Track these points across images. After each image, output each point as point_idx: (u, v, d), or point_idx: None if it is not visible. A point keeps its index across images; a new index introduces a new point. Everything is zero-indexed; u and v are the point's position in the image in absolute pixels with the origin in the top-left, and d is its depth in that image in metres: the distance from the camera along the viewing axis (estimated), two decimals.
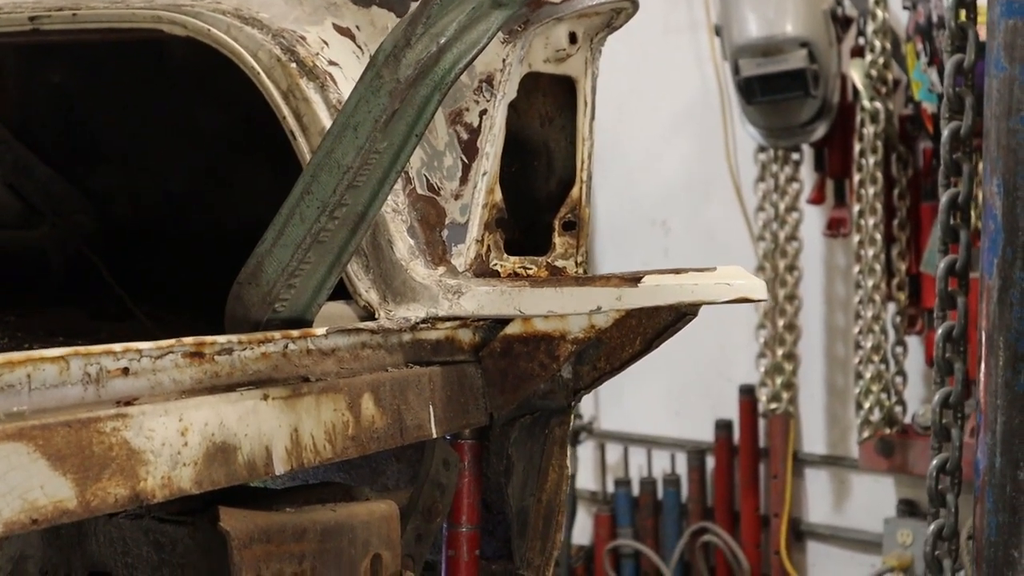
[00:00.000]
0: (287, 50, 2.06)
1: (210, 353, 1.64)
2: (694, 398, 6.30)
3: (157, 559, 1.83)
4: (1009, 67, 2.56)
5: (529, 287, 2.04)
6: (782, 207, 5.77)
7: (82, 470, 1.38)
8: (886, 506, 5.71)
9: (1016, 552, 2.59)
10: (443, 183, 2.14)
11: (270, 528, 1.71)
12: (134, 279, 2.84)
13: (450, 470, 2.14)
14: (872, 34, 5.27)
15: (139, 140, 3.04)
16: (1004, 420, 2.60)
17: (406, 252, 2.05)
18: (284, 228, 1.78)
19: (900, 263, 5.42)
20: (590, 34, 2.23)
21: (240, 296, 1.83)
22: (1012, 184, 2.55)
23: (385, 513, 1.90)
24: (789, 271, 5.79)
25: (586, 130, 2.28)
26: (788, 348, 5.81)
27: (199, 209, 3.04)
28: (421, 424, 1.94)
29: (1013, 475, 2.59)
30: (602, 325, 2.04)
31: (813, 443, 6.06)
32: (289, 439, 1.68)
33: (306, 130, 2.03)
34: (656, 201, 6.44)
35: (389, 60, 1.70)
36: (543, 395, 2.13)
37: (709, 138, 6.17)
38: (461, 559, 2.21)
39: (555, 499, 2.26)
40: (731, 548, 6.03)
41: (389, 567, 1.88)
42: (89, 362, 1.47)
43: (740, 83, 5.39)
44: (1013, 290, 2.57)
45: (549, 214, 2.28)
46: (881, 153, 5.28)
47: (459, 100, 2.17)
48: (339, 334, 1.87)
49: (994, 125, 2.61)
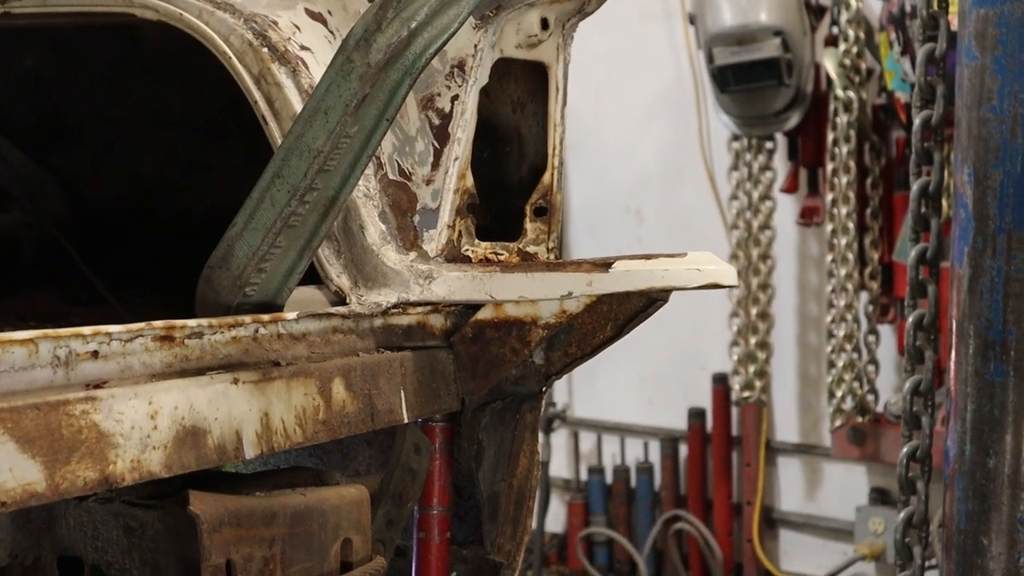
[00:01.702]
0: (259, 35, 2.05)
1: (180, 337, 1.64)
2: (667, 386, 6.31)
3: (127, 543, 1.82)
4: (980, 56, 2.56)
5: (500, 272, 2.04)
6: (755, 195, 5.77)
7: (51, 453, 1.38)
8: (858, 494, 5.73)
9: (985, 539, 2.60)
10: (415, 168, 2.14)
11: (240, 512, 1.71)
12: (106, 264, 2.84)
13: (421, 455, 2.14)
14: (846, 23, 5.28)
15: (112, 125, 3.03)
16: (974, 408, 2.61)
17: (378, 237, 2.05)
18: (255, 212, 1.78)
19: (873, 252, 5.43)
20: (562, 20, 2.23)
21: (211, 280, 1.83)
22: (983, 173, 2.56)
23: (355, 498, 1.90)
24: (762, 259, 5.80)
25: (558, 116, 2.27)
26: (761, 336, 5.82)
27: (172, 194, 3.03)
28: (392, 409, 1.94)
29: (983, 463, 2.60)
30: (573, 310, 2.04)
31: (786, 431, 6.08)
32: (259, 423, 1.67)
33: (278, 115, 2.02)
34: (630, 189, 6.45)
35: (360, 44, 1.70)
36: (515, 380, 2.13)
37: (683, 126, 6.17)
38: (432, 541, 2.21)
39: (526, 484, 2.26)
40: (704, 536, 6.04)
41: (359, 551, 1.88)
42: (59, 345, 1.47)
43: (714, 72, 5.39)
44: (983, 278, 2.58)
45: (521, 200, 2.28)
46: (854, 142, 5.29)
47: (431, 86, 2.17)
48: (310, 319, 1.87)
49: (965, 114, 2.62)
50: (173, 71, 2.76)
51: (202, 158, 2.98)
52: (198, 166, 3.00)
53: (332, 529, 1.84)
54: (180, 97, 2.91)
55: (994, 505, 2.59)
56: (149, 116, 2.96)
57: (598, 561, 6.37)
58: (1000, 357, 2.56)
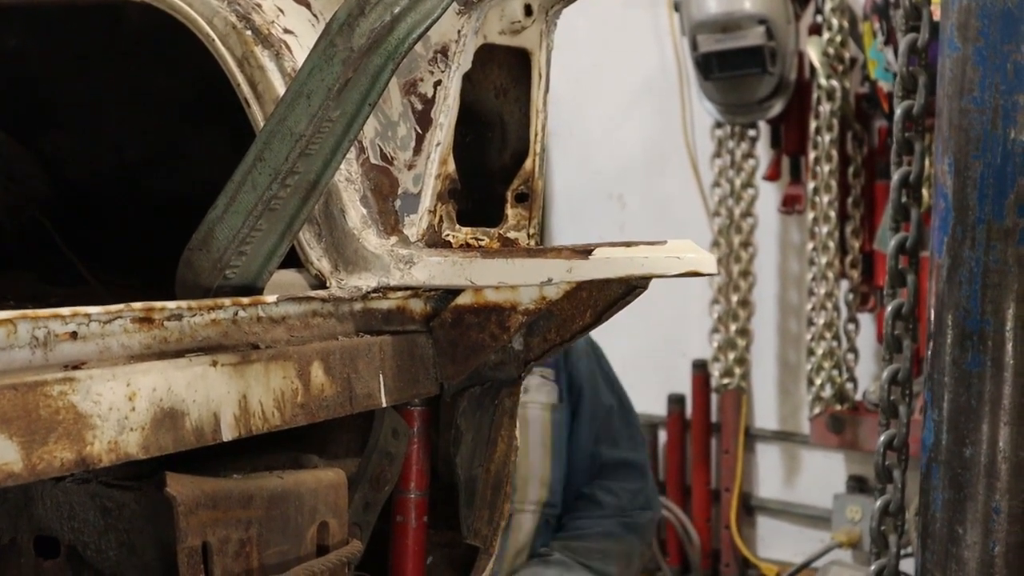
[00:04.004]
0: (242, 17, 2.05)
1: (159, 319, 1.64)
2: (647, 372, 6.31)
3: (103, 524, 1.82)
4: (962, 47, 2.57)
5: (480, 258, 2.04)
6: (738, 183, 5.79)
7: (28, 433, 1.37)
8: (836, 482, 5.75)
9: (961, 528, 2.62)
10: (396, 153, 2.14)
11: (216, 494, 1.71)
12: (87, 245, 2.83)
13: (399, 439, 2.14)
14: (830, 12, 5.29)
15: (94, 105, 3.02)
16: (951, 398, 2.63)
17: (358, 221, 2.05)
18: (236, 195, 1.78)
19: (854, 241, 5.45)
20: (545, 7, 2.22)
21: (191, 262, 1.83)
22: (963, 164, 2.57)
23: (333, 481, 1.91)
24: (744, 247, 5.82)
25: (540, 102, 2.27)
26: (741, 324, 5.84)
27: (153, 175, 3.03)
28: (371, 393, 1.94)
29: (959, 452, 2.61)
30: (553, 297, 2.04)
31: (765, 418, 6.10)
32: (237, 406, 1.67)
33: (260, 98, 2.02)
34: (613, 175, 6.45)
35: (343, 29, 1.70)
36: (494, 366, 2.13)
37: (667, 113, 6.18)
38: (409, 525, 2.21)
39: (503, 470, 2.26)
40: (682, 522, 6.06)
41: (336, 535, 1.89)
42: (37, 326, 1.47)
43: (698, 59, 5.41)
44: (962, 269, 2.58)
45: (502, 186, 2.28)
46: (837, 131, 5.31)
47: (413, 70, 2.16)
48: (290, 302, 1.87)
49: (946, 104, 2.63)
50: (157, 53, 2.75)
51: (184, 140, 2.97)
52: (180, 148, 2.99)
53: (309, 512, 1.85)
54: (163, 79, 2.90)
55: (970, 494, 2.60)
56: (132, 98, 2.95)
57: None
58: (978, 347, 2.57)
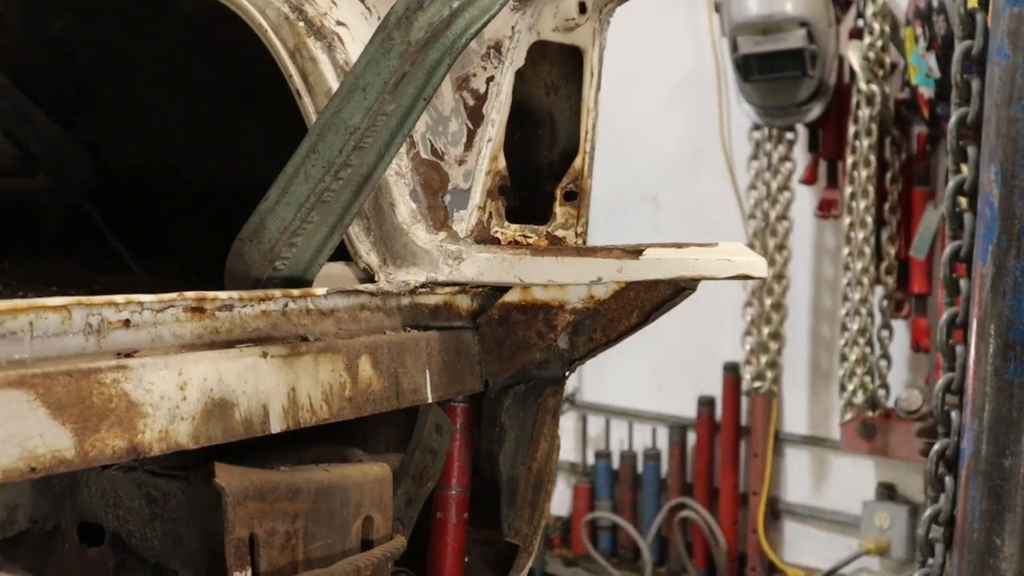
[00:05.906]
0: (295, 8, 2.05)
1: (211, 309, 1.64)
2: (678, 373, 6.31)
3: (148, 512, 1.83)
4: (1012, 55, 2.55)
5: (530, 256, 2.03)
6: (774, 186, 5.77)
7: (81, 420, 1.38)
8: (865, 489, 5.73)
9: (998, 539, 2.60)
10: (447, 148, 2.14)
11: (264, 486, 1.71)
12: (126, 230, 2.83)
13: (442, 435, 2.14)
14: (871, 16, 5.27)
15: (139, 92, 3.02)
16: (992, 408, 2.61)
17: (408, 216, 2.05)
18: (288, 186, 1.77)
19: (890, 247, 5.43)
20: (600, 4, 2.22)
21: (241, 253, 1.82)
22: (1010, 172, 2.55)
23: (378, 476, 1.90)
24: (779, 250, 5.80)
25: (591, 101, 2.27)
26: (774, 327, 5.82)
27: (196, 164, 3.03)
28: (417, 388, 1.93)
29: (998, 463, 2.60)
30: (601, 296, 2.04)
31: (795, 423, 6.07)
32: (286, 398, 1.67)
33: (312, 89, 2.02)
34: (648, 175, 6.44)
35: (401, 22, 1.69)
36: (539, 364, 2.13)
37: (703, 114, 6.17)
38: (450, 521, 2.21)
39: (545, 468, 2.26)
40: (709, 524, 6.05)
41: (380, 529, 1.88)
42: (91, 312, 1.47)
43: (738, 60, 5.39)
44: (1007, 278, 2.56)
45: (551, 183, 2.27)
46: (875, 136, 5.28)
47: (467, 66, 2.16)
48: (339, 295, 1.87)
49: (994, 113, 2.61)
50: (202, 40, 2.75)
51: (227, 129, 2.98)
52: (222, 136, 2.99)
53: (354, 506, 1.84)
54: (208, 67, 2.90)
55: (1008, 506, 2.59)
56: (176, 85, 2.95)
57: (602, 546, 6.38)
58: (1020, 357, 2.55)
